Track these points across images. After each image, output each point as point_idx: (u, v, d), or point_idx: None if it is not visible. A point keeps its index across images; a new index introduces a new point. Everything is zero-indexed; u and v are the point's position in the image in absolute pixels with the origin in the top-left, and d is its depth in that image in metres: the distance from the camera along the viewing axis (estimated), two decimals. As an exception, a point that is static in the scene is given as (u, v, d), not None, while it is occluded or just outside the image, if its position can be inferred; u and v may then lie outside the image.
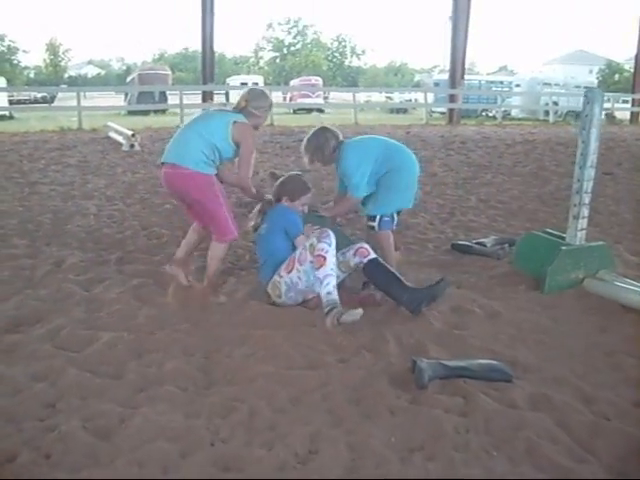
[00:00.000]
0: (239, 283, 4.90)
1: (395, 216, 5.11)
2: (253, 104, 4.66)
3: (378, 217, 4.99)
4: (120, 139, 14.85)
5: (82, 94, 41.70)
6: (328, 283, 4.05)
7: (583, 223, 4.90)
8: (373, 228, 5.04)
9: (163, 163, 4.60)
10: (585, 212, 4.88)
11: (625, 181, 10.64)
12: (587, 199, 4.85)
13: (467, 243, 5.99)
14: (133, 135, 14.20)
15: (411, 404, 3.14)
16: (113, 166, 11.54)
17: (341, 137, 5.12)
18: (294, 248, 4.42)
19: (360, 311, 3.88)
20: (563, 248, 4.80)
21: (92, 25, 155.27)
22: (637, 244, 6.39)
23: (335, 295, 4.03)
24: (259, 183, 9.56)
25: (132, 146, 13.96)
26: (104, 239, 6.27)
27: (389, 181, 4.94)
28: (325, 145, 5.02)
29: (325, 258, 4.08)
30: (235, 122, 4.52)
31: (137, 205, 7.92)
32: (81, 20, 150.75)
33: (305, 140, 5.12)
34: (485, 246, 5.93)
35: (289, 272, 4.30)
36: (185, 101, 26.34)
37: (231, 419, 2.99)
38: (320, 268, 4.07)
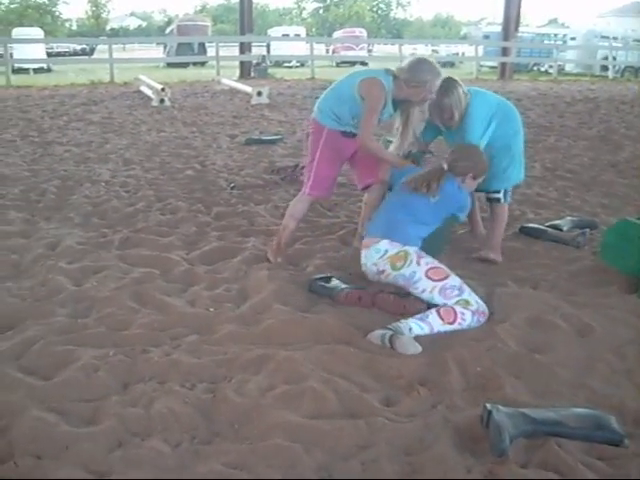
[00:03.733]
0: (267, 278, 3.94)
1: None
2: (404, 76, 3.92)
3: (503, 189, 4.39)
4: (150, 93, 13.96)
5: (122, 46, 41.85)
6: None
7: (696, 210, 3.87)
8: (499, 200, 4.41)
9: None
10: (700, 197, 3.84)
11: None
12: None
13: (539, 227, 4.97)
14: (163, 89, 13.32)
15: (487, 484, 2.23)
16: (138, 123, 10.68)
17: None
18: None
19: (419, 348, 3.10)
20: (670, 242, 3.78)
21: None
22: None
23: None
24: (296, 144, 8.69)
25: (162, 101, 13.10)
26: (111, 213, 5.41)
27: (513, 148, 4.31)
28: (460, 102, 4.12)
29: (456, 319, 3.33)
30: (364, 78, 3.93)
31: (156, 170, 7.04)
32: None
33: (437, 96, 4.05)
34: (561, 230, 4.92)
35: (433, 279, 3.46)
36: (225, 53, 25.38)
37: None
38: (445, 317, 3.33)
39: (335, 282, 3.72)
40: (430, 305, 3.43)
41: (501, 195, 4.40)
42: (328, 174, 4.16)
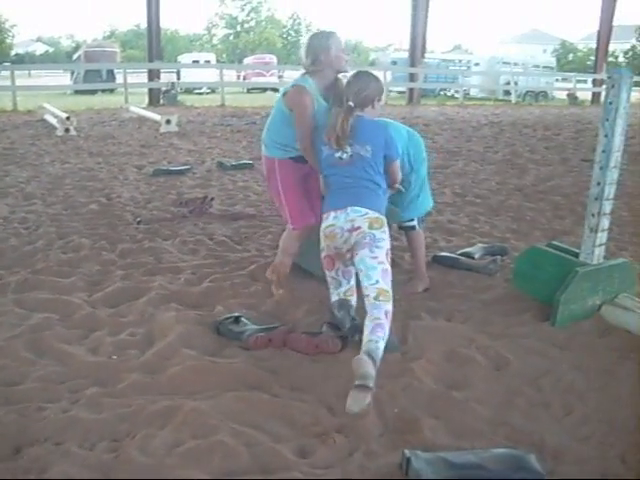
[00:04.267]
0: (174, 320, 3.72)
1: None
2: (309, 61, 3.80)
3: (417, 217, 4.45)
4: (55, 122, 13.47)
5: (27, 72, 40.54)
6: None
7: (602, 237, 3.91)
8: (414, 228, 4.44)
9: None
10: (605, 224, 3.89)
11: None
12: (609, 208, 3.86)
13: (452, 255, 4.96)
14: (68, 118, 12.85)
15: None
16: (41, 154, 10.23)
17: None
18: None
19: (369, 401, 2.81)
20: (579, 270, 3.80)
21: (41, 1, 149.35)
22: (646, 251, 5.46)
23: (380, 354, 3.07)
24: (205, 174, 8.52)
25: (67, 130, 12.63)
26: (8, 253, 5.06)
27: (422, 176, 4.37)
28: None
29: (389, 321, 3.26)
30: (285, 92, 3.91)
31: (58, 205, 6.69)
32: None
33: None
34: (473, 258, 4.93)
35: (387, 258, 3.40)
36: (134, 79, 24.93)
37: None
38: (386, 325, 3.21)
39: (244, 322, 3.57)
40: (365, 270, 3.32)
41: (415, 222, 4.42)
42: (301, 200, 4.01)
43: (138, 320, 3.81)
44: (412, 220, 4.40)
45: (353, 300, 3.64)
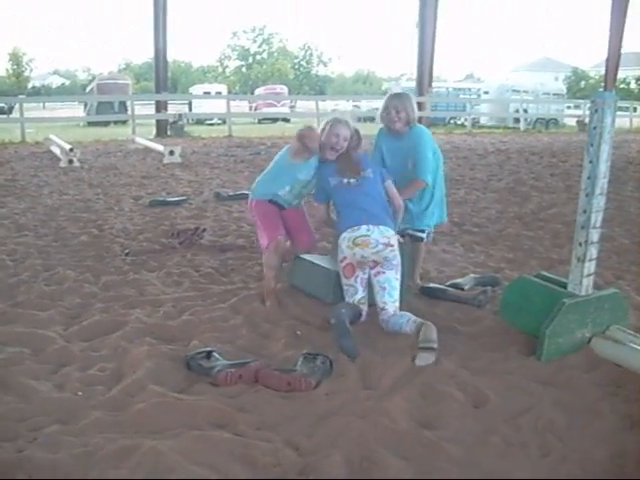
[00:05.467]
0: (145, 355, 3.61)
1: None
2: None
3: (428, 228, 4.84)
4: (59, 153, 13.54)
5: (42, 104, 41.08)
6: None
7: (590, 267, 3.78)
8: (422, 239, 4.85)
9: None
10: (593, 253, 3.76)
11: (610, 196, 9.57)
12: (596, 236, 3.73)
13: (440, 287, 4.83)
14: (71, 150, 12.90)
15: None
16: (42, 185, 10.24)
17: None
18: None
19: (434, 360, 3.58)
20: (566, 301, 3.66)
21: (59, 35, 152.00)
22: (645, 279, 5.31)
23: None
24: (201, 205, 8.47)
25: (70, 161, 12.67)
26: (-9, 286, 5.00)
27: (441, 188, 4.86)
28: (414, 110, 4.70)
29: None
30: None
31: (50, 237, 6.63)
32: (47, 29, 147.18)
33: (395, 96, 4.75)
34: (463, 289, 4.80)
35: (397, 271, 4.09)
36: (146, 111, 25.14)
37: None
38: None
39: (215, 357, 3.45)
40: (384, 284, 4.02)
41: (424, 235, 4.80)
42: (274, 223, 4.59)
43: (110, 355, 3.70)
44: (423, 231, 4.77)
45: (364, 309, 4.14)
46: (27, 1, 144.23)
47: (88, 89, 40.69)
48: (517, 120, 29.54)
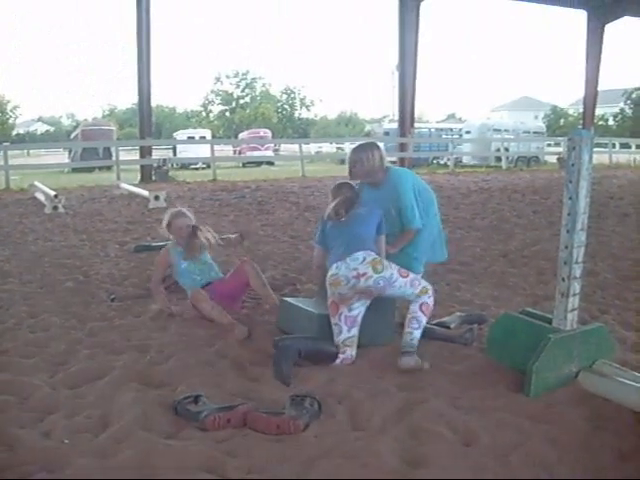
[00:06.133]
0: (132, 401, 3.59)
1: None
2: None
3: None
4: (44, 200, 13.54)
5: (26, 152, 41.20)
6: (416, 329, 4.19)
7: (574, 302, 3.81)
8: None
9: None
10: (577, 288, 3.79)
11: (593, 231, 9.69)
12: (579, 271, 3.77)
13: (427, 326, 4.83)
14: (56, 196, 12.90)
15: None
16: (26, 232, 10.22)
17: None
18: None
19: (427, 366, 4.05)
20: (551, 337, 3.69)
21: (43, 82, 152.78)
22: (629, 313, 5.35)
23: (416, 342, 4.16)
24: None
25: (55, 208, 12.66)
26: (-24, 334, 4.96)
27: (434, 229, 4.95)
28: (373, 159, 4.70)
29: (429, 308, 4.30)
30: None
31: (35, 283, 6.61)
32: (32, 77, 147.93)
33: (351, 150, 4.87)
34: (449, 327, 4.81)
35: (403, 276, 4.23)
36: (131, 156, 25.27)
37: None
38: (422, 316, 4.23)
39: (203, 401, 3.43)
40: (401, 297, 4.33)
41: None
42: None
43: (96, 401, 3.66)
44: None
45: (349, 352, 4.19)
46: (10, 48, 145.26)
47: (72, 135, 40.90)
48: (499, 159, 29.88)
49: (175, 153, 33.78)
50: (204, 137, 39.62)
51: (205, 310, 5.05)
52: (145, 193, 14.16)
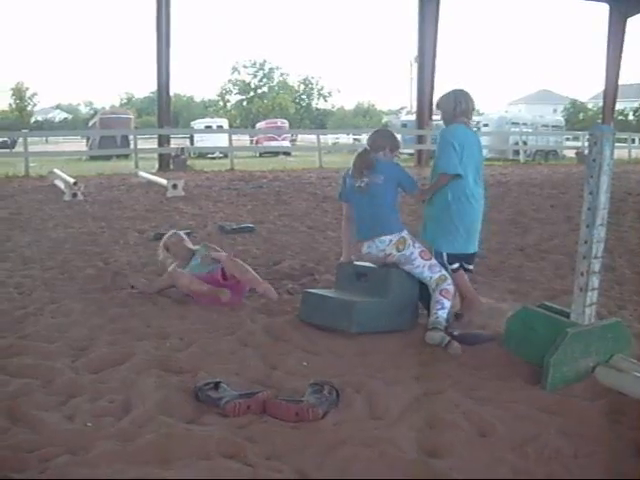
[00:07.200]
0: (154, 386, 3.65)
1: None
2: None
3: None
4: (63, 187, 13.65)
5: (44, 139, 41.48)
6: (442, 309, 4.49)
7: (593, 296, 3.82)
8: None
9: None
10: (595, 282, 3.81)
11: (611, 226, 9.64)
12: (597, 266, 3.78)
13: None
14: (75, 183, 13.02)
15: None
16: (46, 219, 10.33)
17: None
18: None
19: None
20: (569, 331, 3.71)
21: (61, 69, 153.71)
22: (648, 309, 5.35)
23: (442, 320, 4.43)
24: (205, 237, 8.54)
25: (75, 195, 12.78)
26: (-1, 318, 5.04)
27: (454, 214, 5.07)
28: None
29: (449, 294, 4.59)
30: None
31: (56, 269, 6.70)
32: (50, 64, 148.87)
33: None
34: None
35: (424, 258, 4.61)
36: (149, 145, 25.38)
37: None
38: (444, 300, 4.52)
39: (224, 388, 3.49)
40: (418, 277, 4.63)
41: (456, 265, 4.90)
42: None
43: (118, 386, 3.73)
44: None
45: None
46: (30, 36, 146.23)
47: (91, 123, 41.08)
48: (517, 152, 29.76)
49: (192, 142, 33.87)
50: (221, 126, 39.72)
51: (184, 286, 5.35)
52: (163, 182, 14.25)
